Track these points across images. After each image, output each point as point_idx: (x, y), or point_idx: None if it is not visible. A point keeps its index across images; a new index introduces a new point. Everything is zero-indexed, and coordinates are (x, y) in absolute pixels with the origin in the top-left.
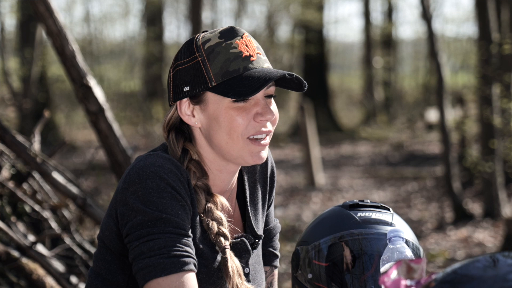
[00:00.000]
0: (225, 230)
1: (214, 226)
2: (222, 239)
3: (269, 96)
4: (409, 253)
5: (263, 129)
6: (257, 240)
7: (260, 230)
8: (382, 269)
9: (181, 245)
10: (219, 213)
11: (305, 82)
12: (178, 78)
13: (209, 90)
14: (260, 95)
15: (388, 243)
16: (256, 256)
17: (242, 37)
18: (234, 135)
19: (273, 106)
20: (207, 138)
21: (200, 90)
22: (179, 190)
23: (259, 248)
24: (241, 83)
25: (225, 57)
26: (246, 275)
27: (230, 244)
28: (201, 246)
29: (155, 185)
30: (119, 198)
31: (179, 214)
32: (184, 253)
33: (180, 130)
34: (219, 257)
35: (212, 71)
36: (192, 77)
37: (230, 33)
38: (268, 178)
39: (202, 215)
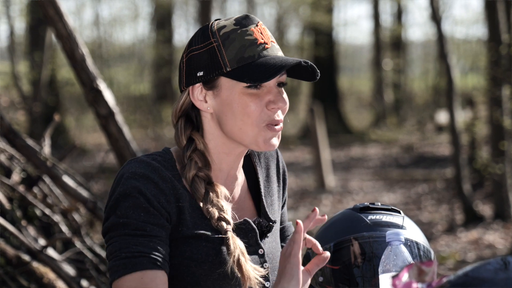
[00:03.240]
0: (226, 215)
1: (215, 212)
2: (223, 223)
3: (280, 85)
4: (408, 257)
5: (276, 117)
6: (271, 223)
7: (274, 217)
8: (380, 270)
9: (134, 246)
10: (220, 201)
11: (318, 70)
12: (191, 63)
13: (223, 75)
14: (272, 82)
15: (388, 245)
16: (274, 242)
17: (257, 25)
18: (248, 121)
19: (285, 95)
20: (219, 123)
21: (214, 75)
22: (146, 192)
23: (277, 235)
24: (256, 69)
25: (240, 43)
26: (261, 255)
27: (233, 228)
28: (203, 232)
29: (122, 191)
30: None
31: (140, 217)
32: (135, 253)
33: (189, 117)
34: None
35: (227, 57)
36: (207, 62)
37: (246, 21)
38: (281, 175)
39: (202, 204)
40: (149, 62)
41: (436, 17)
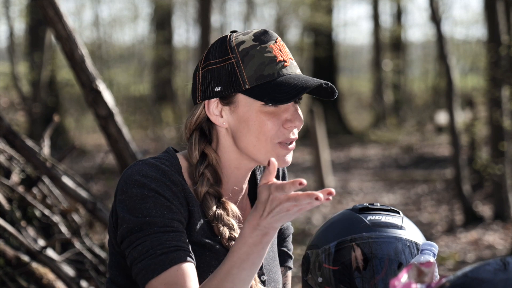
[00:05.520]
0: (237, 235)
1: (226, 232)
2: (234, 243)
3: (296, 101)
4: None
5: (292, 136)
6: None
7: None
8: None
9: (167, 241)
10: (231, 220)
11: (337, 91)
12: (208, 77)
13: (241, 92)
14: None
15: (419, 253)
16: (271, 251)
17: (276, 41)
18: (263, 139)
19: (300, 112)
20: (234, 139)
21: (232, 91)
22: (163, 193)
23: (274, 245)
24: (276, 89)
25: (259, 60)
26: (260, 268)
27: None
28: (208, 241)
29: (139, 192)
30: (112, 207)
31: (165, 215)
32: (172, 247)
33: (203, 131)
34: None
35: (246, 74)
36: (225, 78)
37: (265, 36)
38: (280, 179)
39: (212, 221)
40: (148, 63)
41: (435, 17)
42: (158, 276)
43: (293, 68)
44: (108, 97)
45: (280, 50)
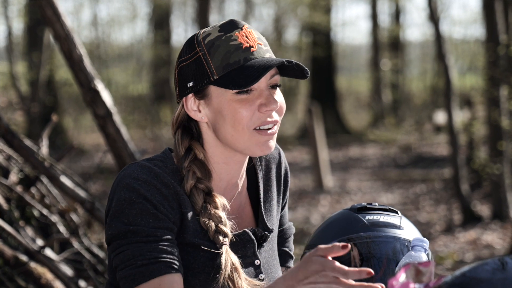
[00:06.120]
0: (225, 228)
1: (212, 225)
2: (220, 236)
3: (273, 86)
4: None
5: (269, 119)
6: (266, 233)
7: (272, 225)
8: (398, 268)
9: (148, 253)
10: (218, 212)
11: (306, 68)
12: (182, 74)
13: (211, 83)
14: (263, 85)
15: (410, 249)
16: (270, 250)
17: (242, 29)
18: (239, 127)
19: (278, 96)
20: (214, 132)
21: (203, 84)
22: (151, 198)
23: (273, 243)
24: (241, 74)
25: (225, 49)
26: (257, 266)
27: (232, 238)
28: (201, 241)
29: (127, 197)
30: (106, 208)
31: (149, 223)
32: (152, 259)
33: (188, 128)
34: None
35: (213, 65)
36: (195, 72)
37: (230, 26)
38: (282, 178)
39: (198, 215)
40: (147, 63)
41: (434, 17)
42: (138, 286)
43: (261, 53)
44: (106, 96)
45: (246, 37)
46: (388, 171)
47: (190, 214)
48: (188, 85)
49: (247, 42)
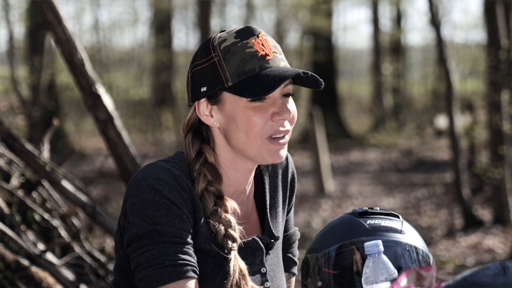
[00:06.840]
0: (234, 232)
1: (222, 229)
2: (229, 241)
3: (286, 95)
4: (390, 266)
5: (281, 128)
6: (272, 241)
7: (278, 232)
8: (363, 282)
9: (176, 254)
10: (228, 216)
11: (321, 80)
12: (195, 78)
13: (225, 90)
14: (277, 94)
15: (368, 257)
16: (275, 258)
17: (258, 36)
18: (252, 135)
19: (291, 105)
20: (226, 138)
21: (217, 90)
22: (175, 200)
23: (279, 250)
24: (256, 83)
25: (241, 56)
26: (263, 274)
27: (241, 245)
28: (212, 247)
29: (151, 198)
30: (121, 210)
31: (175, 224)
32: (180, 261)
33: (198, 131)
34: None
35: (228, 71)
36: (209, 78)
37: (246, 33)
38: (289, 183)
39: (209, 218)
40: (148, 67)
41: (435, 21)
42: (162, 286)
43: (276, 61)
44: (107, 101)
45: (262, 45)
46: (389, 175)
47: (202, 220)
48: (202, 90)
49: (263, 50)
